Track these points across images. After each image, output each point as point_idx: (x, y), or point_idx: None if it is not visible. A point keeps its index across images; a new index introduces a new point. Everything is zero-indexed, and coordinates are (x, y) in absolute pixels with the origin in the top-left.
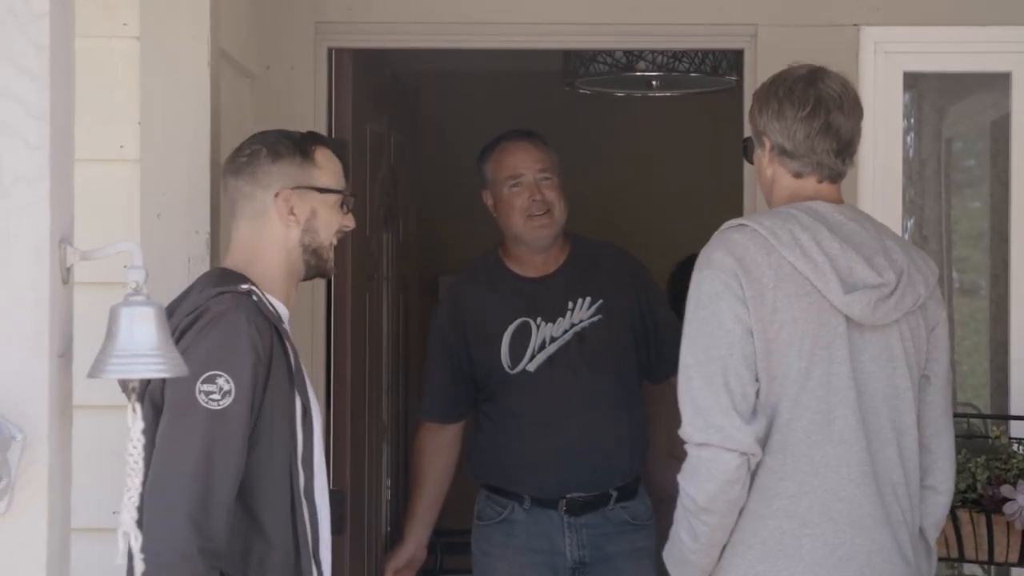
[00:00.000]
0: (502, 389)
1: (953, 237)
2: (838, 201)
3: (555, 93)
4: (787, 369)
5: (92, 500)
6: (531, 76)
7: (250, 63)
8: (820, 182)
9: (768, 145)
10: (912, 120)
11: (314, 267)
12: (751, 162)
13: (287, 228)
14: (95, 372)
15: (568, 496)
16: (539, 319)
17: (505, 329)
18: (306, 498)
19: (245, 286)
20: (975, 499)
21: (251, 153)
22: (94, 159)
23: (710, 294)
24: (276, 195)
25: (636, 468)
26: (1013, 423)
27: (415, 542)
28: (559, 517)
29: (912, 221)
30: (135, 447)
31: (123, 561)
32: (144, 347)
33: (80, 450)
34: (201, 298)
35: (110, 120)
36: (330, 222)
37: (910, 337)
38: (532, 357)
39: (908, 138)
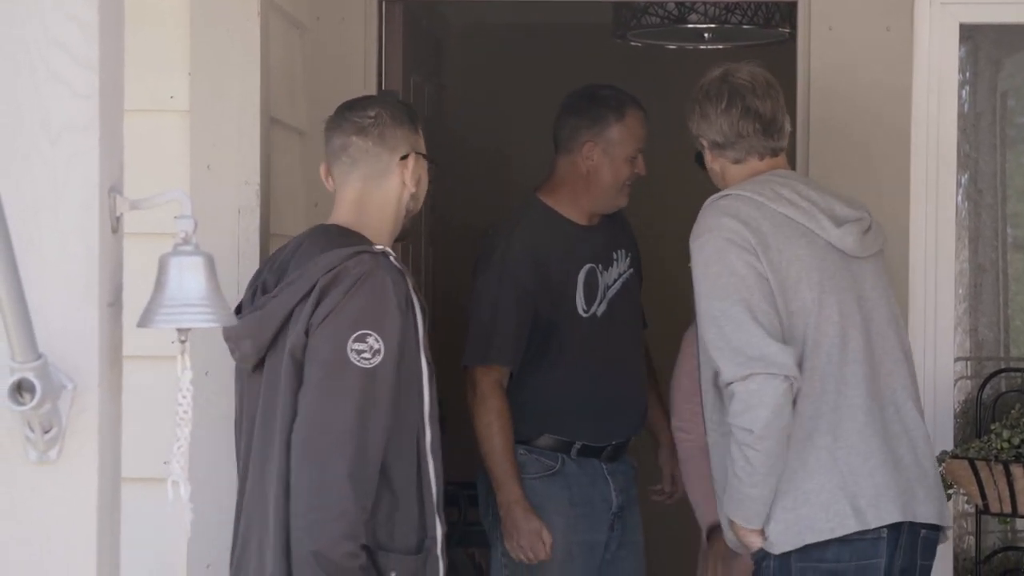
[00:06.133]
0: (570, 333)
1: (1007, 192)
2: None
3: (586, 45)
4: (802, 302)
5: (145, 450)
6: (543, 28)
7: (300, 14)
8: (762, 159)
9: (706, 145)
10: (967, 73)
11: (407, 230)
12: (705, 169)
13: (402, 190)
14: (144, 322)
15: (612, 443)
16: (600, 265)
17: (578, 273)
18: (432, 454)
19: (379, 246)
20: None
21: (376, 115)
22: (144, 109)
23: (716, 251)
24: (403, 158)
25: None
26: None
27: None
28: (600, 465)
29: (966, 175)
30: (184, 397)
31: (172, 510)
32: (193, 297)
33: (132, 400)
34: (336, 257)
35: (160, 70)
36: (425, 189)
37: (885, 271)
38: (600, 301)
39: (963, 91)
